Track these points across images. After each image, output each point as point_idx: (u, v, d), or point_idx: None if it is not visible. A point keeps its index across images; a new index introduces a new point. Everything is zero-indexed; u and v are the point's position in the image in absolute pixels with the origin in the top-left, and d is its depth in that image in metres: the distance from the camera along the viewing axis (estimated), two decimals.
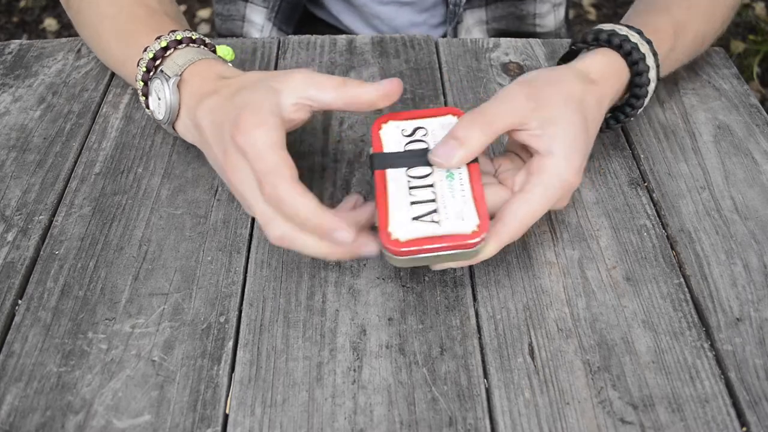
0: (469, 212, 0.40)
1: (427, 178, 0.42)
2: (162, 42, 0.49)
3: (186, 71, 0.48)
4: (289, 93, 0.43)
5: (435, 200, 0.41)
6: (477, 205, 0.40)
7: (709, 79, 0.62)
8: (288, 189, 0.39)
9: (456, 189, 0.41)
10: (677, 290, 0.45)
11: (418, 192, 0.41)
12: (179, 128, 0.49)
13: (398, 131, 0.45)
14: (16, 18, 2.03)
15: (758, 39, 1.90)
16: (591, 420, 0.39)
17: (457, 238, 0.39)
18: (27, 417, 0.39)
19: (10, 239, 0.48)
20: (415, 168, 0.43)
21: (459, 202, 0.41)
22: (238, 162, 0.41)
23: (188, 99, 0.47)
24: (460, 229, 0.40)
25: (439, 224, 0.40)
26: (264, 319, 0.43)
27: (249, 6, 0.77)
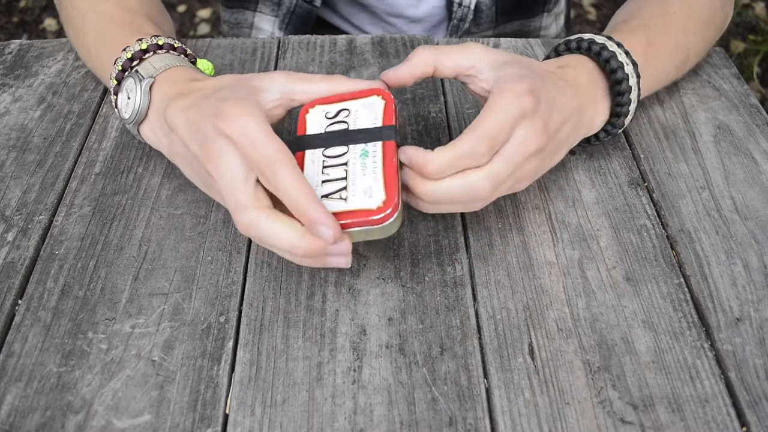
0: (377, 188, 0.40)
1: (341, 157, 0.43)
2: (143, 44, 0.49)
3: (160, 75, 0.47)
4: (271, 89, 0.44)
5: (346, 178, 0.41)
6: (386, 181, 0.41)
7: (709, 79, 0.62)
8: (288, 174, 0.39)
9: (368, 166, 0.42)
10: (677, 290, 0.45)
11: (330, 171, 0.42)
12: (145, 131, 0.48)
13: (322, 115, 0.45)
14: (16, 18, 2.03)
15: (758, 39, 1.90)
16: (591, 420, 0.39)
17: (361, 214, 0.40)
18: (27, 417, 0.39)
19: (10, 239, 0.48)
20: (332, 148, 0.43)
21: (369, 179, 0.41)
22: (222, 149, 0.40)
23: (158, 102, 0.46)
24: (366, 204, 0.40)
25: (345, 201, 0.40)
26: (264, 319, 0.43)
27: (258, 15, 0.77)
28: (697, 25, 0.57)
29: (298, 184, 0.39)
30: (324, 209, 0.39)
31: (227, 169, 0.40)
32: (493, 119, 0.41)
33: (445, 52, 0.46)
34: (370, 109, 0.44)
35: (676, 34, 0.55)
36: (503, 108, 0.41)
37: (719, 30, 0.60)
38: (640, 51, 0.51)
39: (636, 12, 0.57)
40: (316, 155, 0.43)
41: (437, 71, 0.46)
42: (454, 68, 0.46)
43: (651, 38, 0.53)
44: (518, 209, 0.50)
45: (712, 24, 0.59)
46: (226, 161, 0.40)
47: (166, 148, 0.47)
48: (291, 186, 0.39)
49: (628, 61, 0.49)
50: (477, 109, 0.59)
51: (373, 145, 0.43)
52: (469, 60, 0.45)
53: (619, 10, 0.60)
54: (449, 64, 0.46)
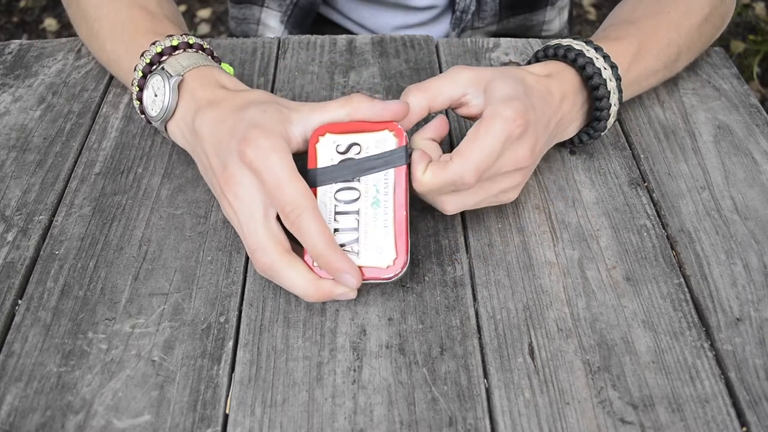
0: (388, 245, 0.42)
1: (353, 204, 0.43)
2: (174, 41, 0.49)
3: (188, 73, 0.48)
4: (299, 122, 0.44)
5: (357, 229, 0.43)
6: (396, 235, 0.42)
7: (709, 79, 0.62)
8: (312, 220, 0.40)
9: (379, 218, 0.43)
10: (677, 290, 0.45)
11: (342, 219, 0.43)
12: (171, 129, 0.49)
13: (333, 147, 0.44)
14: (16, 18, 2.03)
15: (758, 39, 1.90)
16: (591, 420, 0.39)
17: (373, 272, 0.42)
18: (27, 417, 0.39)
19: (10, 239, 0.48)
20: (344, 191, 0.43)
21: (380, 234, 0.42)
22: (243, 179, 0.41)
23: (187, 102, 0.47)
24: (377, 262, 0.42)
25: (358, 255, 0.42)
26: (264, 319, 0.43)
27: (264, 10, 0.78)
28: (694, 22, 0.57)
29: (322, 232, 0.40)
30: (346, 258, 0.41)
31: (248, 202, 0.41)
32: (481, 148, 0.42)
33: (435, 88, 0.45)
34: (381, 145, 0.44)
35: (669, 32, 0.55)
36: (492, 135, 0.42)
37: (720, 25, 0.60)
38: (629, 52, 0.52)
39: (631, 11, 0.57)
40: (328, 197, 0.43)
41: (431, 110, 0.46)
42: (447, 101, 0.46)
43: (641, 38, 0.54)
44: (518, 209, 0.50)
45: (711, 19, 0.59)
46: (248, 194, 0.41)
47: (188, 146, 0.48)
48: (316, 234, 0.40)
49: (606, 65, 0.49)
50: None
51: (384, 184, 0.43)
52: (459, 89, 0.45)
53: (617, 7, 0.60)
54: (441, 100, 0.46)
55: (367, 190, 0.43)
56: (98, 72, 0.62)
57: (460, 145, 0.43)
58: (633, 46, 0.53)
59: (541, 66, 0.50)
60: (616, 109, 0.50)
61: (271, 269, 0.41)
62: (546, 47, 0.51)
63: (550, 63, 0.50)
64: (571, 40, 0.50)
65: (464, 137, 0.43)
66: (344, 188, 0.43)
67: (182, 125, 0.47)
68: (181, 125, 0.47)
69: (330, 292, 0.42)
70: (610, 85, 0.49)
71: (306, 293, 0.41)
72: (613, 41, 0.52)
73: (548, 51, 0.51)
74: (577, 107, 0.50)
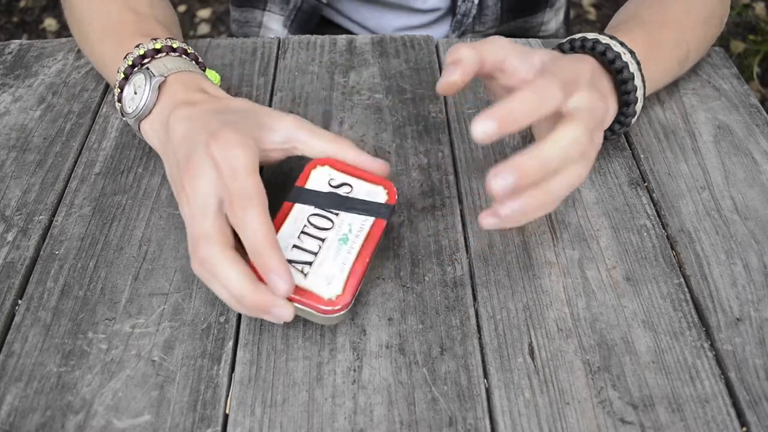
0: (338, 281, 0.40)
1: (322, 232, 0.42)
2: (157, 44, 0.49)
3: (172, 75, 0.48)
4: (279, 131, 0.44)
5: (316, 254, 0.41)
6: (349, 280, 0.41)
7: (709, 79, 0.62)
8: (258, 215, 0.38)
9: (341, 255, 0.42)
10: (677, 290, 0.45)
11: (306, 240, 0.42)
12: (145, 128, 0.48)
13: (327, 177, 0.45)
14: (16, 18, 2.03)
15: (758, 39, 1.90)
16: (591, 420, 0.39)
17: (312, 297, 0.40)
18: (27, 417, 0.39)
19: (10, 239, 0.48)
20: (319, 217, 0.43)
21: (336, 267, 0.41)
22: (204, 171, 0.40)
23: (165, 102, 0.47)
24: (321, 291, 0.40)
25: (304, 276, 0.40)
26: (264, 319, 0.43)
27: (266, 14, 0.78)
28: (696, 22, 0.57)
29: (263, 227, 0.38)
30: (283, 261, 0.38)
31: (203, 194, 0.40)
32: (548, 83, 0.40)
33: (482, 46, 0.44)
34: (371, 196, 0.44)
35: (675, 30, 0.55)
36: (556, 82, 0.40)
37: (718, 26, 0.61)
38: (641, 49, 0.51)
39: (635, 11, 0.57)
40: (302, 216, 0.43)
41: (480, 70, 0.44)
42: (492, 63, 0.45)
43: (651, 36, 0.53)
44: None
45: (710, 21, 0.59)
46: (203, 184, 0.40)
47: (159, 146, 0.47)
48: (256, 227, 0.38)
49: (632, 60, 0.49)
50: (477, 110, 0.59)
51: (359, 227, 0.43)
52: (500, 52, 0.45)
53: (620, 9, 0.60)
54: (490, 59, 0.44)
55: (341, 225, 0.43)
56: (98, 72, 0.62)
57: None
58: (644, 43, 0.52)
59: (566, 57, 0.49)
60: (641, 105, 0.50)
61: (209, 262, 0.39)
62: (572, 39, 0.51)
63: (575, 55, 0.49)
64: (597, 34, 0.50)
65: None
66: (320, 215, 0.43)
67: (157, 125, 0.47)
68: (156, 126, 0.47)
69: (265, 303, 0.38)
70: (637, 80, 0.49)
71: (241, 294, 0.38)
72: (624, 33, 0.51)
73: (575, 43, 0.51)
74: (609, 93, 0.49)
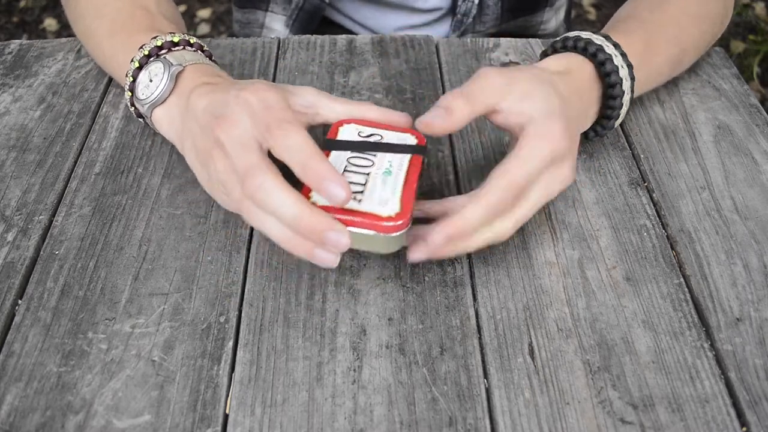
0: (393, 201, 0.41)
1: (364, 168, 0.43)
2: (175, 37, 0.50)
3: (190, 66, 0.48)
4: (302, 96, 0.45)
5: (364, 184, 0.42)
6: (404, 200, 0.41)
7: (709, 79, 0.62)
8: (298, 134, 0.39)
9: (388, 184, 0.42)
10: (677, 290, 0.45)
11: (350, 176, 0.42)
12: (158, 115, 0.49)
13: (355, 131, 0.45)
14: (16, 18, 2.03)
15: (758, 39, 1.90)
16: (591, 420, 0.39)
17: (372, 217, 0.40)
18: (27, 417, 0.39)
19: (10, 239, 0.48)
20: (358, 158, 0.43)
21: (387, 192, 0.41)
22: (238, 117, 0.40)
23: (183, 88, 0.47)
24: (378, 211, 0.40)
25: (359, 202, 0.40)
26: (264, 319, 0.43)
27: (269, 15, 0.78)
28: (695, 21, 0.57)
29: (309, 143, 0.39)
30: (335, 170, 0.38)
31: (239, 135, 0.40)
32: (524, 168, 0.41)
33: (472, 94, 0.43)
34: (403, 141, 0.45)
35: (673, 31, 0.55)
36: (535, 155, 0.41)
37: (720, 24, 0.60)
38: (637, 50, 0.51)
39: (634, 10, 0.57)
40: (341, 159, 0.43)
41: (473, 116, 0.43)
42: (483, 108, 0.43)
43: (648, 37, 0.54)
44: None
45: (710, 18, 0.59)
46: (240, 128, 0.40)
47: (177, 130, 0.48)
48: (301, 143, 0.39)
49: (624, 63, 0.49)
50: None
51: (399, 162, 0.43)
52: (494, 96, 0.43)
53: (621, 8, 0.61)
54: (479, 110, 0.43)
55: (381, 162, 0.43)
56: (98, 72, 0.62)
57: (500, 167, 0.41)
58: (641, 43, 0.52)
59: (558, 60, 0.49)
60: (626, 109, 0.51)
61: (262, 189, 0.38)
62: (565, 38, 0.51)
63: (567, 56, 0.49)
64: (591, 34, 0.50)
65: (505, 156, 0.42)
66: (358, 156, 0.43)
67: (173, 109, 0.48)
68: (173, 109, 0.48)
69: (323, 225, 0.38)
70: (625, 84, 0.49)
71: (298, 216, 0.38)
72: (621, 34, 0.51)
73: (567, 42, 0.50)
74: (593, 103, 0.50)
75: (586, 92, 0.49)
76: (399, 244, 0.41)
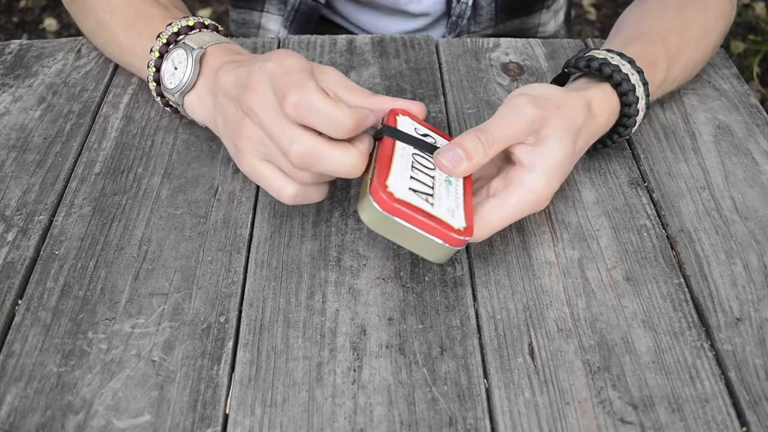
0: (459, 214, 0.41)
1: (429, 170, 0.42)
2: (189, 21, 0.50)
3: (211, 47, 0.49)
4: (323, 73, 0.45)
5: (433, 188, 0.41)
6: (467, 214, 0.41)
7: (709, 79, 0.62)
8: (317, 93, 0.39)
9: (451, 193, 0.42)
10: (677, 290, 0.45)
11: (419, 174, 0.41)
12: (190, 100, 0.49)
13: (413, 126, 0.45)
14: (16, 18, 2.03)
15: (758, 39, 1.90)
16: (591, 420, 0.39)
17: (445, 225, 0.39)
18: (27, 417, 0.39)
19: (10, 239, 0.48)
20: (421, 158, 0.43)
21: (452, 203, 0.41)
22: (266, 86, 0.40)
23: (208, 69, 0.48)
24: (449, 220, 0.40)
25: (432, 206, 0.40)
26: (264, 319, 0.43)
27: (264, 15, 0.78)
28: (709, 37, 0.58)
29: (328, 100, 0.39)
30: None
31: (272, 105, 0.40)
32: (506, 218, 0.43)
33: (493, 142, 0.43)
34: None
35: (689, 50, 0.55)
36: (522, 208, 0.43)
37: (725, 33, 0.61)
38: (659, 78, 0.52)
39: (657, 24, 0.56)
40: (407, 153, 0.42)
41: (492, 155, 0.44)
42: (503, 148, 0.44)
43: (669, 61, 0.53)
44: None
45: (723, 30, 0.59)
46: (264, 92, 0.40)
47: (209, 110, 0.48)
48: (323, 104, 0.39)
49: (640, 82, 0.49)
50: (477, 110, 0.59)
51: None
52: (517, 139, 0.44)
53: (637, 9, 0.59)
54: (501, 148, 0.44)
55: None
56: (98, 72, 0.62)
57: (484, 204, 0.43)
58: (663, 72, 0.53)
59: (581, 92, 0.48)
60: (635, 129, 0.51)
61: (312, 154, 0.39)
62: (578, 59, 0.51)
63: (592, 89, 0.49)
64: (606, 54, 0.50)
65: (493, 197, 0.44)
66: (421, 155, 0.43)
67: (202, 90, 0.48)
68: (202, 91, 0.48)
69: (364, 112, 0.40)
70: (641, 103, 0.49)
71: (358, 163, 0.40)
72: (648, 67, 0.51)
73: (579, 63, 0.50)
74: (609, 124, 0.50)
75: (605, 117, 0.49)
76: (450, 256, 0.41)
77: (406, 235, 0.39)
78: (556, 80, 0.54)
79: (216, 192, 0.51)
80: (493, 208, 0.43)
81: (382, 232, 0.40)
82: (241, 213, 0.50)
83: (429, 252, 0.40)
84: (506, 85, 0.61)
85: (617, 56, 0.49)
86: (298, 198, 0.43)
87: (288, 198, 0.43)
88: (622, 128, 0.50)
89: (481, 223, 0.43)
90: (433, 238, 0.39)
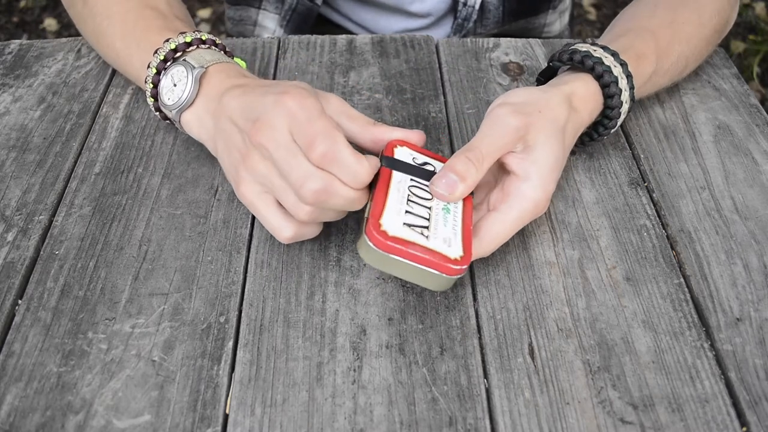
0: (456, 243, 0.41)
1: (426, 201, 0.43)
2: (187, 37, 0.50)
3: (212, 66, 0.48)
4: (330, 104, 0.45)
5: (428, 219, 0.42)
6: (464, 241, 0.41)
7: (709, 79, 0.62)
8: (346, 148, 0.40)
9: (449, 222, 0.42)
10: (677, 290, 0.45)
11: (414, 207, 0.42)
12: (187, 117, 0.49)
13: (410, 156, 0.45)
14: (16, 18, 2.03)
15: (758, 39, 1.90)
16: (591, 420, 0.39)
17: (440, 257, 0.40)
18: (27, 417, 0.39)
19: (10, 239, 0.48)
20: (417, 188, 0.43)
21: (449, 232, 0.41)
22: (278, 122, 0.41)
23: (210, 90, 0.47)
24: (445, 251, 0.40)
25: (427, 239, 0.40)
26: (264, 319, 0.43)
27: (261, 12, 0.78)
28: (705, 33, 0.57)
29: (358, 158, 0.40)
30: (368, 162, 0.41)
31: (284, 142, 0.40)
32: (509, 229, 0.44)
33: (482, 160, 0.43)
34: None
35: (680, 45, 0.55)
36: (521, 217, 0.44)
37: (724, 31, 0.61)
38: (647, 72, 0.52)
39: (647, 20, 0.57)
40: (403, 185, 0.43)
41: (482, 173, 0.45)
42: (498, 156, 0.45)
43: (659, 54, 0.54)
44: None
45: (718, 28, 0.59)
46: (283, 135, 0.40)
47: (209, 131, 0.47)
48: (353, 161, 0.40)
49: (623, 74, 0.49)
50: (477, 110, 0.59)
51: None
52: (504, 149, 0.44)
53: (630, 9, 0.60)
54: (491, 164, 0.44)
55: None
56: (98, 72, 0.62)
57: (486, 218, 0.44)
58: (651, 65, 0.53)
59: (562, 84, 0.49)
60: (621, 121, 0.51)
61: (327, 191, 0.40)
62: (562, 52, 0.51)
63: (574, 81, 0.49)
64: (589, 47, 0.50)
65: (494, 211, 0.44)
66: (418, 186, 0.43)
67: (202, 111, 0.47)
68: (201, 111, 0.48)
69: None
70: (624, 95, 0.49)
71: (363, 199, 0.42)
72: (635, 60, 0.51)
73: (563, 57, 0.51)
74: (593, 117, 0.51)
75: (588, 111, 0.49)
76: (452, 283, 0.42)
77: (404, 270, 0.40)
78: (543, 74, 0.55)
79: (216, 192, 0.51)
80: (496, 222, 0.44)
81: (382, 268, 0.41)
82: (241, 213, 0.50)
83: (429, 283, 0.41)
84: (506, 85, 0.61)
85: (600, 49, 0.50)
86: (296, 237, 0.44)
87: (285, 239, 0.44)
88: (606, 120, 0.51)
89: (486, 239, 0.43)
90: (429, 270, 0.40)
